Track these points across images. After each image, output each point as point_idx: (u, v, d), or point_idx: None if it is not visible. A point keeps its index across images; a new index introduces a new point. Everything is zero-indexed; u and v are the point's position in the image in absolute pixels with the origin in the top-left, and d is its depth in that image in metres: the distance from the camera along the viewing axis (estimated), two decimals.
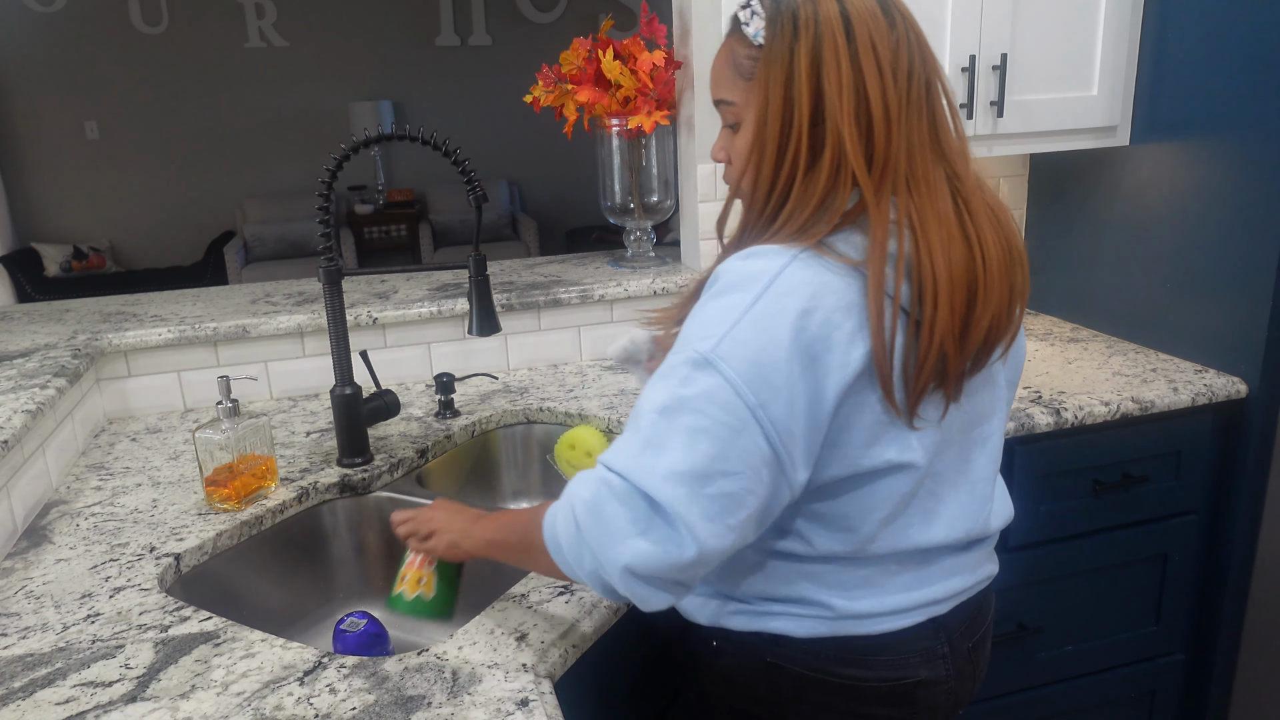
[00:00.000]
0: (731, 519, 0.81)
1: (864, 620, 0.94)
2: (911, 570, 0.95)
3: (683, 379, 0.82)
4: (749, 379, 0.80)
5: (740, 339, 0.81)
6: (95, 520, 1.27)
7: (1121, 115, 1.74)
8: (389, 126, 6.14)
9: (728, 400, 0.80)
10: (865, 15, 0.85)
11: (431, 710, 0.86)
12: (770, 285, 0.82)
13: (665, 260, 2.00)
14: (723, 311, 0.83)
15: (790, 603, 0.95)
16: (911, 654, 0.96)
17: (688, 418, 0.80)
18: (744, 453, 0.80)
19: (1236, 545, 1.68)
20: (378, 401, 1.42)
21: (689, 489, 0.79)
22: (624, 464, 0.82)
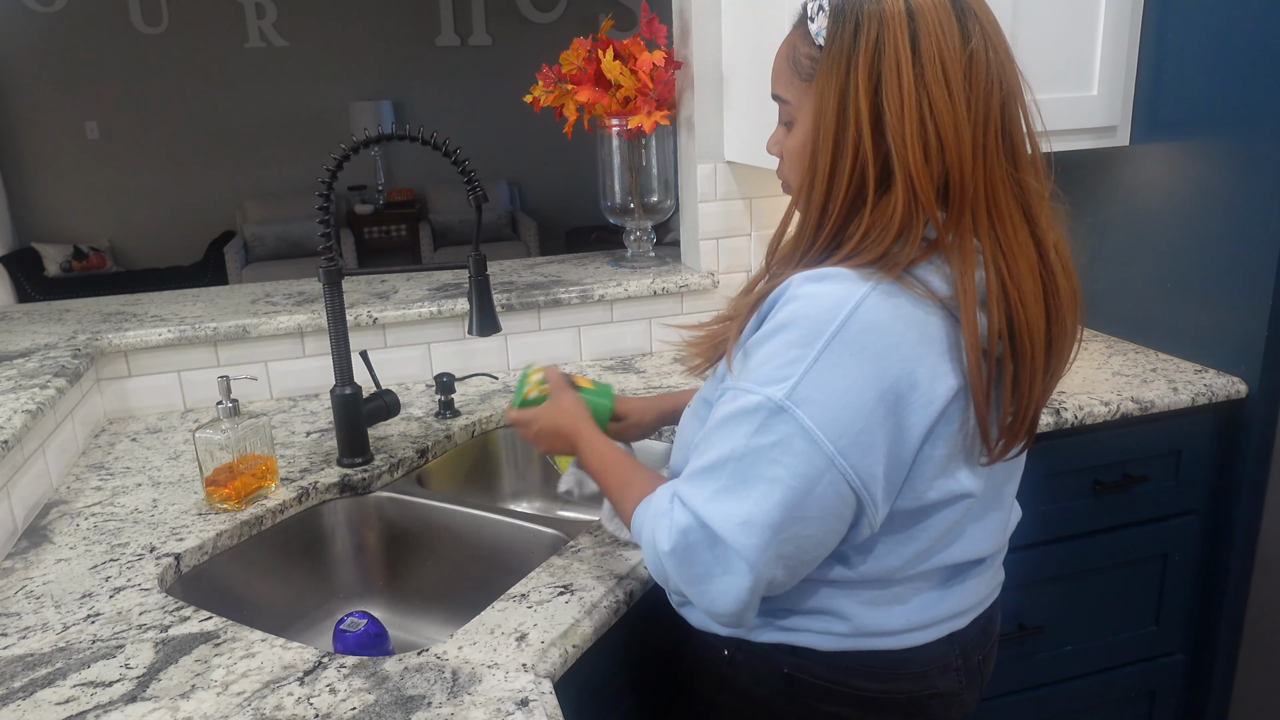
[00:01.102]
0: (804, 557, 0.82)
1: (888, 637, 0.93)
2: (938, 588, 0.95)
3: (757, 427, 0.79)
4: (827, 426, 0.77)
5: (817, 382, 0.77)
6: (95, 520, 1.27)
7: (1121, 115, 1.74)
8: (389, 126, 6.14)
9: (805, 450, 0.77)
10: (934, 27, 0.78)
11: (431, 710, 0.86)
12: (848, 321, 0.77)
13: (665, 260, 2.01)
14: (794, 348, 0.78)
15: (816, 616, 0.93)
16: (929, 667, 0.96)
17: (764, 467, 0.78)
18: (822, 499, 0.79)
19: (1236, 545, 1.68)
20: (378, 401, 1.42)
21: (763, 539, 0.79)
22: (703, 508, 0.81)
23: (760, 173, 1.87)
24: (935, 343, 0.79)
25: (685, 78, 1.84)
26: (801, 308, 0.79)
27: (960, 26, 0.79)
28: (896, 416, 0.79)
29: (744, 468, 0.79)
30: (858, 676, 0.94)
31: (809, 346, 0.77)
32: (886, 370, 0.77)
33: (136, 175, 6.03)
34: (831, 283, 0.79)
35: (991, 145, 0.80)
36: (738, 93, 1.77)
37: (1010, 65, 0.83)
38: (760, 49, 1.65)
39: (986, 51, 0.80)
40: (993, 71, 0.80)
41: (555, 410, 1.11)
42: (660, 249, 2.09)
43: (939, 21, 0.78)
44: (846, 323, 0.77)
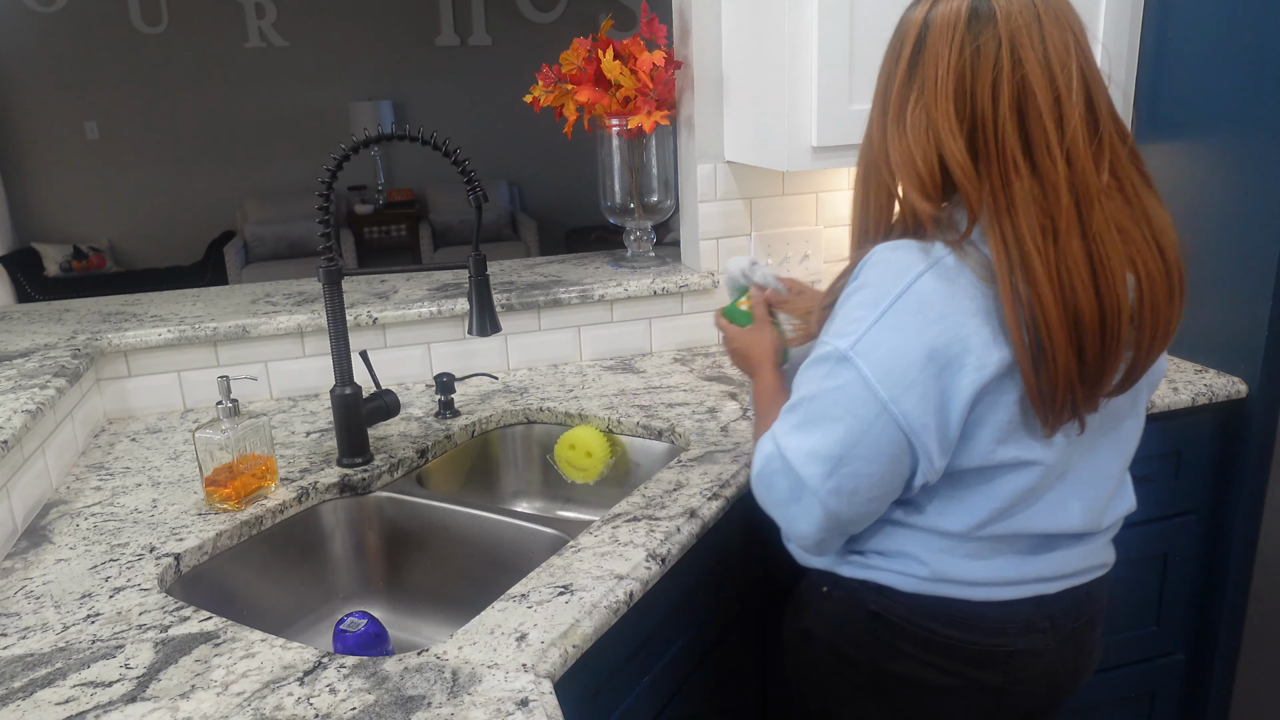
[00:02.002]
0: (866, 494, 0.92)
1: (966, 586, 0.99)
2: (1022, 552, 0.99)
3: (826, 373, 0.91)
4: (882, 376, 0.87)
5: (877, 338, 0.88)
6: (95, 520, 1.27)
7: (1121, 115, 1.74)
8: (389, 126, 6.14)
9: (862, 395, 0.88)
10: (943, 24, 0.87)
11: (431, 710, 0.86)
12: (911, 286, 0.87)
13: (665, 260, 2.00)
14: (864, 307, 0.89)
15: (898, 557, 1.00)
16: (1011, 624, 1.00)
17: (829, 408, 0.90)
18: (876, 441, 0.89)
19: (1236, 545, 1.68)
20: (378, 401, 1.42)
21: (824, 469, 0.90)
22: (782, 440, 0.94)
23: (760, 173, 1.87)
24: (993, 313, 0.87)
25: (685, 78, 1.84)
26: (876, 272, 0.90)
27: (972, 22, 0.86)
28: (947, 376, 0.87)
29: (815, 408, 0.92)
30: (934, 620, 1.00)
31: (875, 306, 0.88)
32: (940, 334, 0.86)
33: (136, 175, 6.03)
34: (904, 252, 0.89)
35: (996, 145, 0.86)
36: (738, 93, 1.77)
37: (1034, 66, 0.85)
38: (760, 49, 1.65)
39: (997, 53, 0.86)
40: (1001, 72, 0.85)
41: (754, 341, 1.21)
42: (660, 249, 2.09)
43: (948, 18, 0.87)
44: (909, 288, 0.87)
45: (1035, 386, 0.87)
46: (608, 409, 1.60)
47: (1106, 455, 1.00)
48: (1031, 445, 0.92)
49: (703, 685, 1.31)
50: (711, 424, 1.51)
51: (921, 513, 0.98)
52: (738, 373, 1.76)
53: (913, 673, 1.02)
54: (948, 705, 1.03)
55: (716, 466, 1.35)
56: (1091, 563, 1.04)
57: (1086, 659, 1.08)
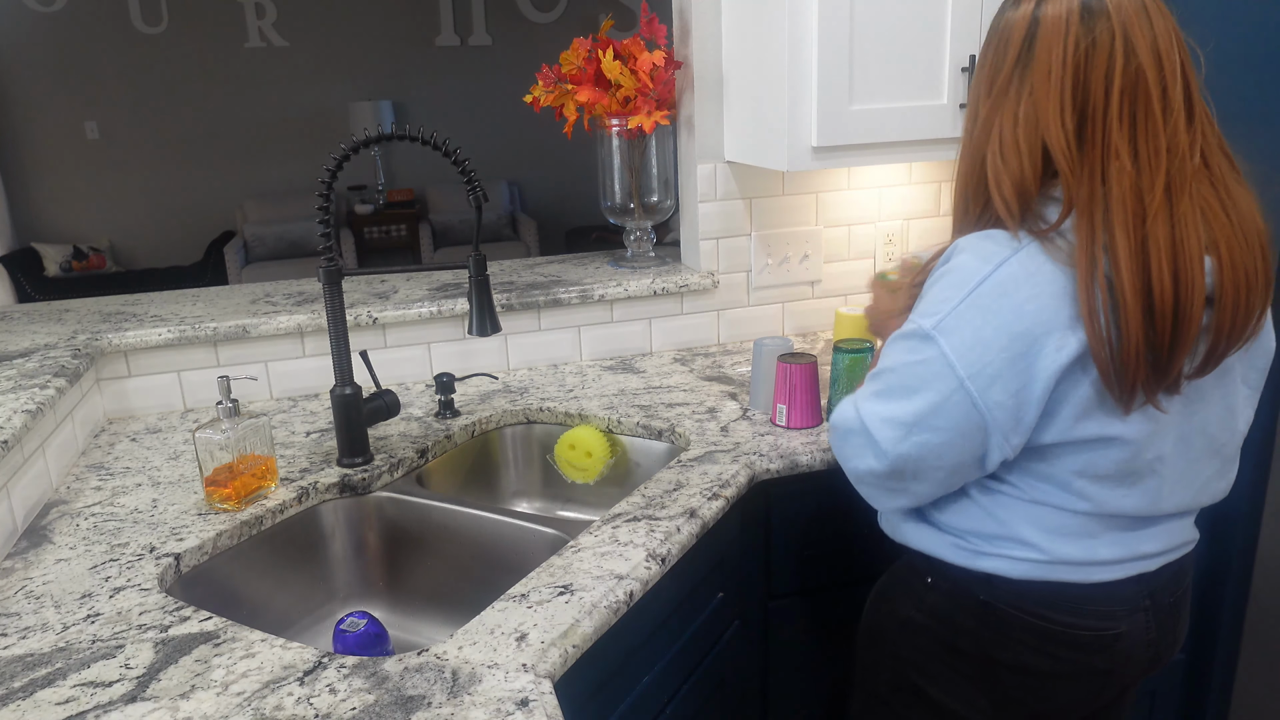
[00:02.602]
0: (927, 467, 0.98)
1: (1076, 568, 1.01)
2: (1126, 530, 1.02)
3: (910, 348, 0.97)
4: (961, 354, 0.93)
5: (961, 318, 0.93)
6: (95, 520, 1.27)
7: None
8: (389, 126, 6.14)
9: (941, 370, 0.94)
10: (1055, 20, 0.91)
11: (431, 710, 0.86)
12: (995, 272, 0.92)
13: (665, 260, 2.01)
14: (950, 289, 0.94)
15: (1009, 543, 1.02)
16: (1117, 606, 1.02)
17: (909, 380, 0.97)
18: (950, 414, 0.94)
19: (1236, 545, 1.68)
20: (378, 401, 1.42)
21: (897, 434, 0.97)
22: (862, 405, 1.01)
23: (760, 173, 1.87)
24: (1073, 298, 0.90)
25: (685, 78, 1.84)
26: (964, 259, 0.95)
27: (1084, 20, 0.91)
28: (1028, 358, 0.91)
29: (895, 379, 0.98)
30: (1046, 607, 1.02)
31: (960, 289, 0.94)
32: (1021, 318, 0.90)
33: (136, 175, 6.03)
34: (990, 241, 0.95)
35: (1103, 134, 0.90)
36: (738, 93, 1.77)
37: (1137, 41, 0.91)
38: (760, 49, 1.65)
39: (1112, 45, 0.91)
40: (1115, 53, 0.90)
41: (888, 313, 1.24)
42: (660, 249, 2.09)
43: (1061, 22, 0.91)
44: (993, 274, 0.92)
45: (1109, 367, 0.90)
46: (608, 409, 1.60)
47: (1197, 440, 1.02)
48: (1112, 423, 0.95)
49: (703, 685, 1.31)
50: (711, 424, 1.51)
51: (1018, 489, 1.00)
52: (738, 373, 1.76)
53: (1023, 660, 1.04)
54: (1057, 689, 1.05)
55: (716, 466, 1.35)
56: (1185, 538, 1.07)
57: (1181, 630, 1.11)
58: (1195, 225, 0.90)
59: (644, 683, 1.16)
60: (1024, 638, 1.03)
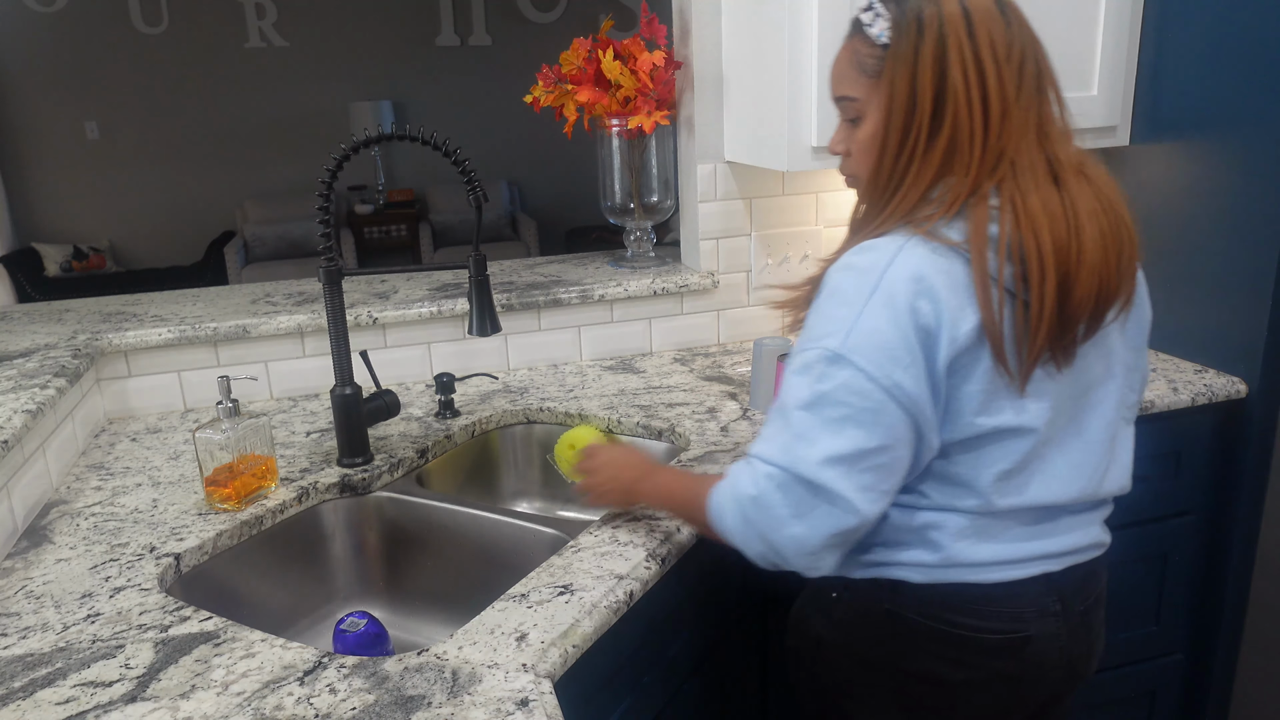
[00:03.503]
0: (884, 486, 0.93)
1: (978, 569, 1.00)
2: (1028, 524, 1.01)
3: (819, 375, 0.92)
4: (878, 365, 0.90)
5: (864, 330, 0.90)
6: (95, 520, 1.27)
7: (1121, 115, 1.74)
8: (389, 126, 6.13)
9: (863, 388, 0.90)
10: (984, 14, 0.92)
11: (431, 710, 0.86)
12: (884, 276, 0.91)
13: (665, 260, 2.01)
14: (844, 307, 0.92)
15: (908, 549, 1.01)
16: (1024, 608, 1.01)
17: (831, 410, 0.91)
18: (888, 429, 0.91)
19: (1236, 545, 1.68)
20: (378, 401, 1.42)
21: (844, 469, 0.90)
22: (780, 457, 0.92)
23: (760, 173, 1.87)
24: (959, 287, 0.91)
25: (685, 78, 1.84)
26: (847, 275, 0.94)
27: (1002, 13, 0.93)
28: (928, 350, 0.91)
29: (813, 414, 0.91)
30: (951, 611, 1.00)
31: (854, 304, 0.91)
32: (917, 311, 0.90)
33: (136, 175, 6.03)
34: (870, 251, 0.94)
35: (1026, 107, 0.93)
36: (738, 93, 1.77)
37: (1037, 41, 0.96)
38: (760, 49, 1.65)
39: (1021, 30, 0.94)
40: (1027, 45, 0.94)
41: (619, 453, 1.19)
42: (660, 249, 2.09)
43: (986, 8, 0.92)
44: (883, 277, 0.91)
45: (1001, 344, 0.91)
46: (608, 409, 1.60)
47: (1090, 419, 1.01)
48: (1015, 411, 0.95)
49: (703, 686, 1.31)
50: (711, 424, 1.51)
51: (923, 495, 0.99)
52: (738, 373, 1.76)
53: (932, 669, 1.02)
54: (968, 698, 1.03)
55: (716, 466, 1.35)
56: (1091, 540, 1.06)
57: (1096, 641, 1.10)
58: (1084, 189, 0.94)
59: (644, 683, 1.16)
60: (930, 645, 1.02)
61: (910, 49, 0.93)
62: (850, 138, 1.02)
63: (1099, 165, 0.99)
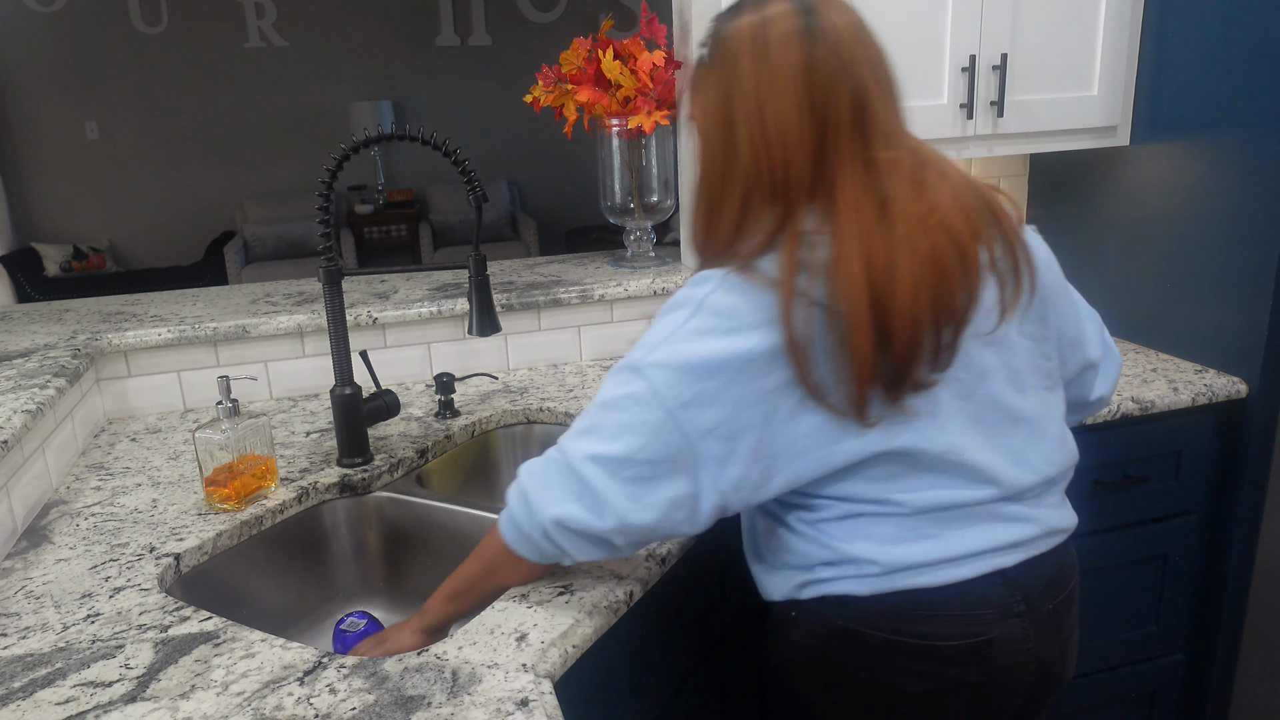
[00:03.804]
0: (648, 499, 0.92)
1: (923, 570, 0.96)
2: (961, 523, 0.97)
3: (619, 381, 0.94)
4: (670, 385, 0.90)
5: (670, 352, 0.91)
6: (95, 520, 1.27)
7: (1121, 115, 1.74)
8: (389, 126, 6.14)
9: (649, 402, 0.91)
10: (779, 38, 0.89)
11: (431, 710, 0.86)
12: (700, 306, 0.92)
13: (665, 260, 2.00)
14: (661, 328, 0.94)
15: (848, 563, 0.98)
16: (981, 609, 0.97)
17: (617, 414, 0.93)
18: (662, 446, 0.91)
19: (1236, 545, 1.68)
20: (378, 401, 1.42)
21: (606, 470, 0.92)
22: (566, 443, 0.96)
23: None
24: (774, 323, 0.89)
25: (685, 78, 1.84)
26: (673, 301, 0.95)
27: (806, 34, 0.90)
28: (738, 387, 0.90)
29: (602, 414, 0.94)
30: (904, 620, 0.97)
31: (669, 327, 0.93)
32: (726, 346, 0.89)
33: (136, 175, 6.03)
34: (694, 285, 0.94)
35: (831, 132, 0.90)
36: None
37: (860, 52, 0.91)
38: None
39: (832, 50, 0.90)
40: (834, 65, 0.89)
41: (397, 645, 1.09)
42: (660, 249, 2.09)
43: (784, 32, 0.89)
44: (699, 308, 0.92)
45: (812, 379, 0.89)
46: None
47: (990, 412, 0.97)
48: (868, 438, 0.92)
49: (703, 686, 1.31)
50: None
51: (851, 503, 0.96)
52: None
53: (893, 682, 0.99)
54: (934, 708, 1.00)
55: None
56: (1043, 528, 1.01)
57: (1069, 642, 1.05)
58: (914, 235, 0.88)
59: (644, 683, 1.16)
60: (888, 658, 0.99)
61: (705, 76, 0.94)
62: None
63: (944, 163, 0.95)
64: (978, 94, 1.66)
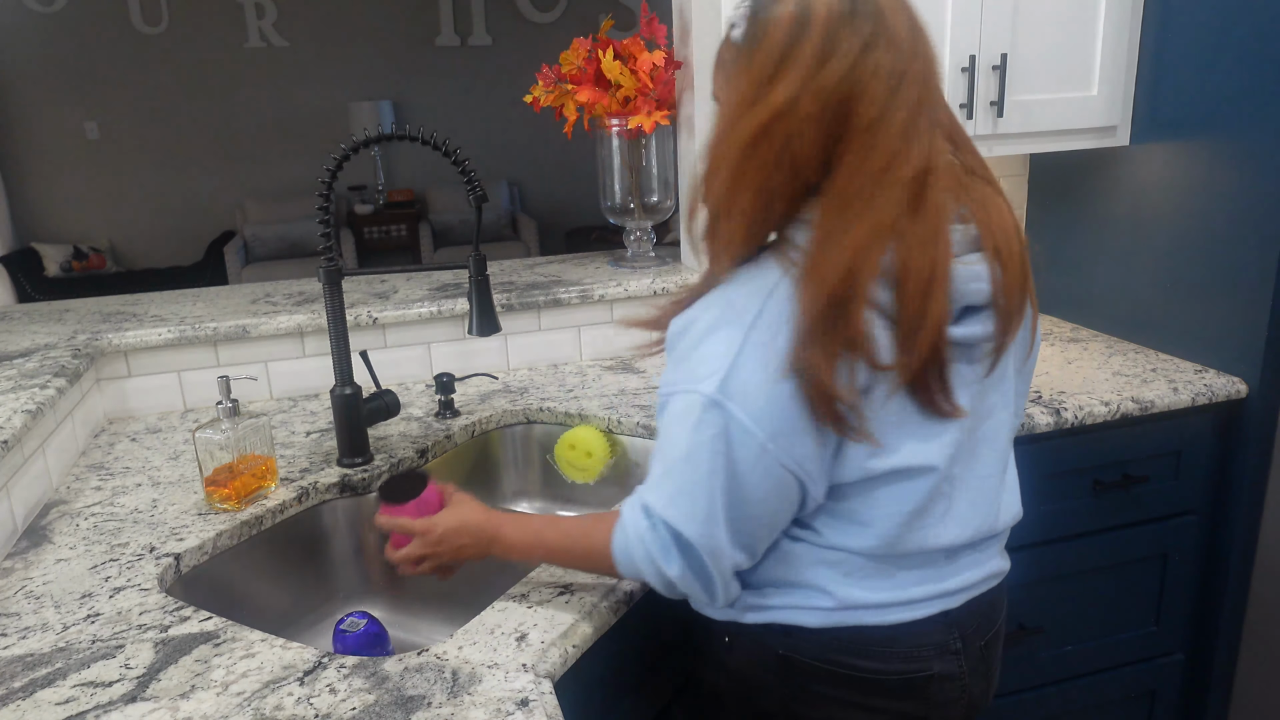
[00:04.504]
0: (757, 543, 0.90)
1: (876, 610, 0.94)
2: (926, 566, 0.96)
3: (696, 423, 0.84)
4: (757, 415, 0.83)
5: (741, 375, 0.83)
6: (95, 520, 1.27)
7: (1121, 115, 1.74)
8: (389, 126, 6.13)
9: (741, 438, 0.83)
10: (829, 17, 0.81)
11: (431, 710, 0.86)
12: (760, 316, 0.84)
13: (665, 260, 2.00)
14: (720, 345, 0.84)
15: (802, 591, 0.95)
16: (924, 647, 0.96)
17: (708, 460, 0.84)
18: (763, 481, 0.85)
19: (1236, 545, 1.68)
20: (378, 401, 1.42)
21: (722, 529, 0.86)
22: (664, 510, 0.88)
23: None
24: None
25: (685, 78, 1.84)
26: (720, 313, 0.86)
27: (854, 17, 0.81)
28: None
29: (692, 465, 0.85)
30: (849, 654, 0.95)
31: (730, 344, 0.84)
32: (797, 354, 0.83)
33: (136, 175, 6.03)
34: (744, 285, 0.86)
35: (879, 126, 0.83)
36: None
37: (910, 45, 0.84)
38: None
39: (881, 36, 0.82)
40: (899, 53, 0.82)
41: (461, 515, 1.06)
42: (660, 249, 2.09)
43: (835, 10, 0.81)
44: (759, 317, 0.84)
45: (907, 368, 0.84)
46: (608, 409, 1.60)
47: (984, 453, 0.97)
48: (909, 451, 0.89)
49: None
50: None
51: (819, 534, 0.93)
52: None
53: (832, 715, 0.97)
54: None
55: None
56: (988, 572, 1.01)
57: (994, 677, 1.05)
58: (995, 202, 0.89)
59: (644, 683, 1.16)
60: (830, 690, 0.96)
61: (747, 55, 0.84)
62: None
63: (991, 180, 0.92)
64: (977, 94, 1.66)
